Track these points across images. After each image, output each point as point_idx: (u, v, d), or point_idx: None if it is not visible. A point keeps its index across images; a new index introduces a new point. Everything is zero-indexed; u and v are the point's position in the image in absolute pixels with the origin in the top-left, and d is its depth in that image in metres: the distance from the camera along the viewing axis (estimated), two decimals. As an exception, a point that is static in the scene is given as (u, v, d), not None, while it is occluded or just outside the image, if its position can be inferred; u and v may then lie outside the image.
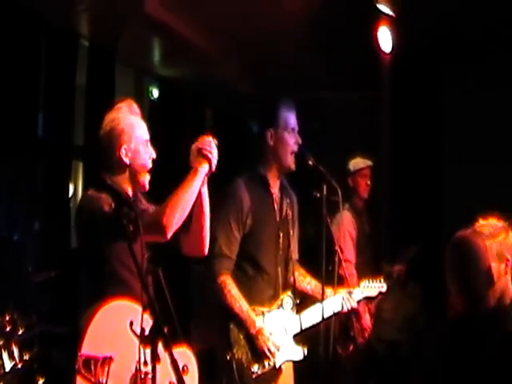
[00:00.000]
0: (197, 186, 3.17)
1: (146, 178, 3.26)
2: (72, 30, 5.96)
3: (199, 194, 3.26)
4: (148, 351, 2.69)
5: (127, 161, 3.21)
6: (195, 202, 3.24)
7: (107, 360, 2.85)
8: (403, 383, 2.93)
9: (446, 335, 2.89)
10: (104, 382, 2.84)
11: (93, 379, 2.82)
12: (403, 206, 6.71)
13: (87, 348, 2.83)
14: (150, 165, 3.27)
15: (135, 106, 3.29)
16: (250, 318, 3.74)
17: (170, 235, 3.06)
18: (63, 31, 5.82)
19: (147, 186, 3.28)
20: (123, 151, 3.20)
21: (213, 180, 7.81)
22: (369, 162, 5.54)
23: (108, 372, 2.85)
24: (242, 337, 3.73)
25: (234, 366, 3.68)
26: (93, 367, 2.82)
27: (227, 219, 3.80)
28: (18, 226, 5.16)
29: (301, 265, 4.11)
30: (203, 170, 3.20)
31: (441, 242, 4.38)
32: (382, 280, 4.28)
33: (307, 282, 4.08)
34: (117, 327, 2.89)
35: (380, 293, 4.28)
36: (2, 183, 5.14)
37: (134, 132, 3.23)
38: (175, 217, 3.06)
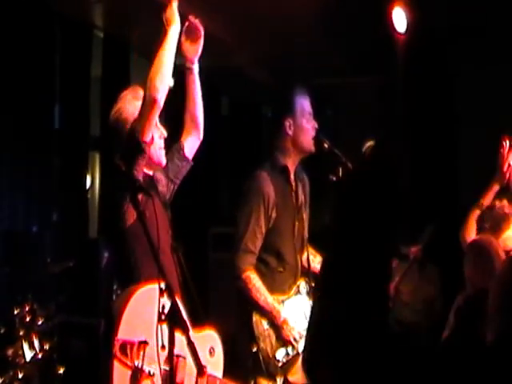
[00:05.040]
0: (169, 46, 3.30)
1: (161, 156, 3.33)
2: (86, 21, 5.96)
3: (191, 77, 3.54)
4: (166, 334, 2.72)
5: None
6: (186, 93, 3.54)
7: (142, 344, 2.89)
8: (421, 366, 2.93)
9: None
10: (140, 366, 2.88)
11: (129, 363, 2.87)
12: (418, 190, 6.67)
13: (123, 333, 2.88)
14: (161, 145, 3.35)
15: (140, 90, 3.34)
16: (276, 309, 3.76)
17: (160, 99, 3.16)
18: (77, 23, 5.83)
19: (164, 162, 3.36)
20: None
21: (231, 165, 7.77)
22: None
23: (144, 356, 2.88)
24: (265, 328, 3.75)
25: (261, 357, 3.71)
26: (129, 351, 2.86)
27: (255, 215, 3.80)
28: (36, 218, 5.21)
29: (316, 248, 4.12)
30: (170, 32, 3.33)
31: (457, 225, 4.39)
32: None
33: (318, 262, 4.10)
34: (150, 311, 2.89)
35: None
36: (20, 175, 5.18)
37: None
38: (158, 81, 3.17)
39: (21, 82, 5.18)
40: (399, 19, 5.65)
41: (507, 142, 4.20)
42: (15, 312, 3.79)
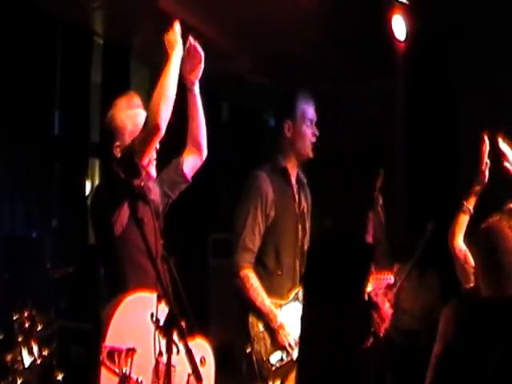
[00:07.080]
0: (173, 72, 3.21)
1: (150, 168, 3.31)
2: (86, 27, 5.98)
3: (192, 99, 3.47)
4: (163, 341, 2.73)
5: None
6: (188, 114, 3.48)
7: (130, 351, 2.91)
8: (421, 373, 2.92)
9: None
10: (128, 373, 2.90)
11: (117, 370, 2.88)
12: (418, 195, 6.68)
13: (111, 340, 2.89)
14: (152, 157, 3.32)
15: (135, 99, 3.34)
16: (272, 312, 3.76)
17: (163, 126, 3.12)
18: (78, 29, 5.85)
19: (154, 175, 3.33)
20: (117, 149, 3.27)
21: (231, 171, 7.78)
22: None
23: (131, 363, 2.90)
24: (261, 330, 3.74)
25: (254, 359, 3.70)
26: (117, 358, 2.88)
27: (253, 212, 3.81)
28: (35, 223, 5.21)
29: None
30: (174, 57, 3.25)
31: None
32: (389, 273, 4.39)
33: None
34: (139, 319, 2.94)
35: (388, 284, 4.36)
36: (20, 181, 5.18)
37: (126, 128, 3.29)
38: (162, 108, 3.12)
39: (21, 87, 5.19)
40: (399, 27, 5.66)
41: (486, 138, 3.98)
42: (14, 318, 3.79)
